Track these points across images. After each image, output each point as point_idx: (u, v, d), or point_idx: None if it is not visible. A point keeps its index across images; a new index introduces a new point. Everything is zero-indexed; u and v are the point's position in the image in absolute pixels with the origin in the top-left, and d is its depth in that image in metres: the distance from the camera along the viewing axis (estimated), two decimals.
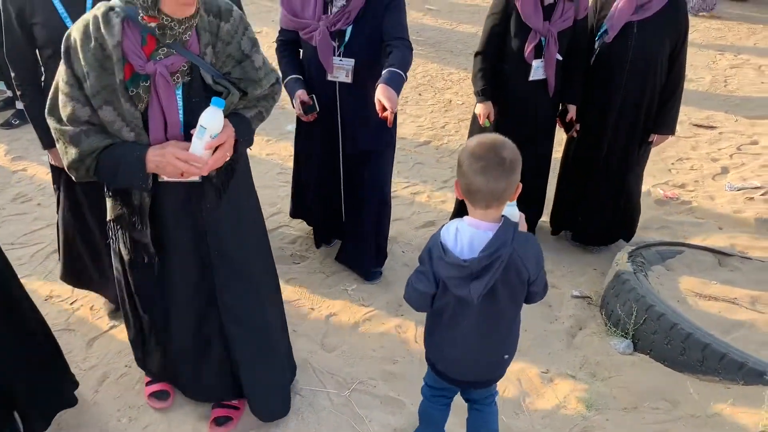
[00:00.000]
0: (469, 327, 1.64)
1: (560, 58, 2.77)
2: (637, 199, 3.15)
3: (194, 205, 1.74)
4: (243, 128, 1.73)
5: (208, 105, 1.58)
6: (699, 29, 7.01)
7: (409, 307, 1.73)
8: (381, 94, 2.16)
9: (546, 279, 1.65)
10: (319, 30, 2.40)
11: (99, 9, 1.55)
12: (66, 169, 1.64)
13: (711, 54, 6.32)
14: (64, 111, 1.56)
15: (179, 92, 1.62)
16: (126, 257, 1.83)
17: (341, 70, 2.46)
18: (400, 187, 3.80)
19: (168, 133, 1.62)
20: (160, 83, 1.57)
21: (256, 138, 1.94)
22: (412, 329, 2.60)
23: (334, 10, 2.40)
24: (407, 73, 2.32)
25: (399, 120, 4.78)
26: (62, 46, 1.56)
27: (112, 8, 1.54)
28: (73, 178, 1.65)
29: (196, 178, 1.68)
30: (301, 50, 2.60)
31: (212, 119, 1.57)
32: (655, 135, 2.91)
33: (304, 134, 2.75)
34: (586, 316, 2.78)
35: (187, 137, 1.62)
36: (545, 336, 2.63)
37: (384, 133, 2.59)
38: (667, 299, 2.64)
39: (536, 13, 2.67)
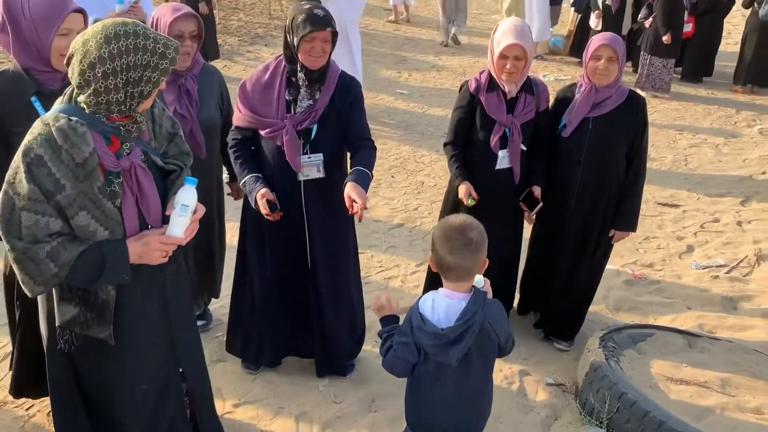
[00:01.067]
0: (447, 389, 1.83)
1: (524, 148, 2.89)
2: (587, 297, 3.16)
3: (158, 278, 1.82)
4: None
5: (166, 182, 1.78)
6: (659, 110, 7.39)
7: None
8: (351, 190, 2.27)
9: (512, 335, 1.88)
10: (286, 129, 2.42)
11: (57, 121, 1.58)
12: (32, 289, 1.64)
13: (671, 133, 6.64)
14: (33, 229, 1.57)
15: None
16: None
17: (311, 167, 2.49)
18: (373, 272, 3.84)
19: (150, 218, 1.72)
20: (140, 173, 1.68)
21: None
22: (385, 426, 2.57)
23: (299, 109, 2.45)
24: (372, 171, 2.45)
25: (372, 203, 4.89)
26: (22, 164, 1.56)
27: (70, 119, 1.59)
28: (37, 293, 1.66)
29: None
30: (263, 148, 2.55)
31: (191, 196, 1.71)
32: (615, 231, 2.98)
33: (254, 245, 2.65)
34: (562, 404, 2.78)
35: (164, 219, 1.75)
36: (521, 428, 2.62)
37: (349, 230, 2.67)
38: (640, 385, 2.67)
39: (500, 107, 2.81)
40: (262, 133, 2.49)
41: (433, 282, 2.85)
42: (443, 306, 1.78)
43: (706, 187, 5.41)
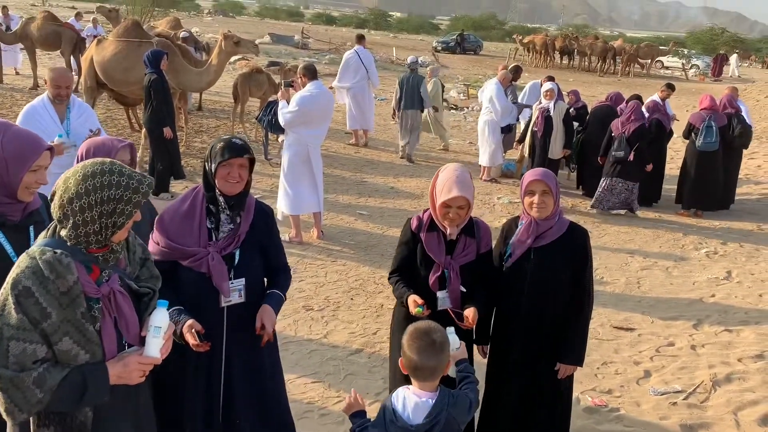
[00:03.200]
0: None
1: (464, 290, 2.87)
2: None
3: (133, 396, 1.95)
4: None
5: (140, 304, 1.95)
6: (609, 233, 7.76)
7: None
8: (262, 313, 2.56)
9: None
10: (211, 255, 2.49)
11: (43, 254, 1.74)
12: (16, 417, 1.71)
13: (623, 256, 6.94)
14: (21, 357, 1.69)
15: None
16: None
17: (234, 292, 2.56)
18: (330, 403, 3.77)
19: (129, 338, 1.88)
20: (120, 298, 1.85)
21: None
22: None
23: (221, 235, 2.54)
24: (287, 294, 2.74)
25: (330, 327, 4.88)
26: (10, 296, 1.70)
27: (55, 251, 1.75)
28: (20, 420, 1.74)
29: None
30: (181, 280, 2.54)
31: (163, 318, 1.88)
32: (560, 364, 2.96)
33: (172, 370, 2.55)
34: None
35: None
36: None
37: (272, 350, 2.73)
38: None
39: (439, 247, 2.85)
40: (183, 263, 2.51)
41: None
42: (412, 403, 2.12)
43: (659, 310, 5.60)
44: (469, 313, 2.78)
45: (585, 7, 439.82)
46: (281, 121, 6.31)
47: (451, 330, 2.29)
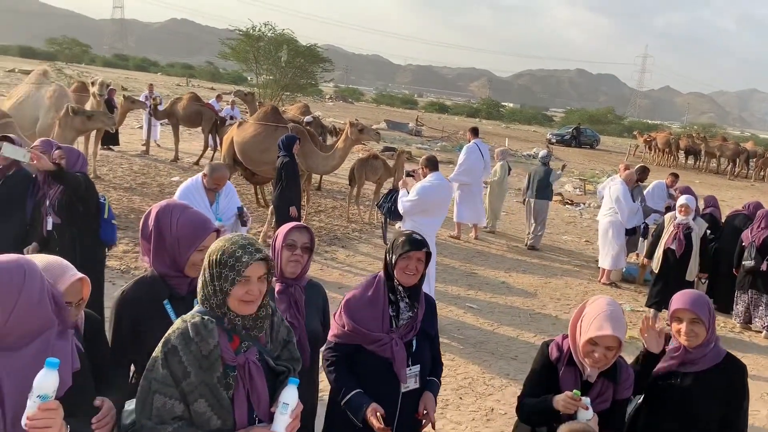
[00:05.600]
0: None
1: None
2: None
3: None
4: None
5: (275, 382, 2.01)
6: (748, 356, 7.17)
7: None
8: (427, 400, 2.76)
9: None
10: (395, 341, 2.67)
11: (193, 318, 1.92)
12: None
13: (762, 385, 6.36)
14: (161, 410, 1.85)
15: None
16: None
17: (411, 378, 2.73)
18: None
19: (259, 411, 1.96)
20: (253, 369, 1.95)
21: None
22: None
23: (401, 322, 2.72)
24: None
25: (438, 425, 4.79)
26: (160, 352, 1.88)
27: (203, 317, 1.92)
28: None
29: None
30: (363, 363, 2.74)
31: (293, 396, 1.95)
32: None
33: None
34: None
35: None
36: None
37: None
38: None
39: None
40: (367, 347, 2.70)
41: None
42: None
43: None
44: None
45: (712, 105, 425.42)
46: (400, 208, 6.54)
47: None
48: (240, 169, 9.82)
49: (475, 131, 11.70)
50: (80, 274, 2.01)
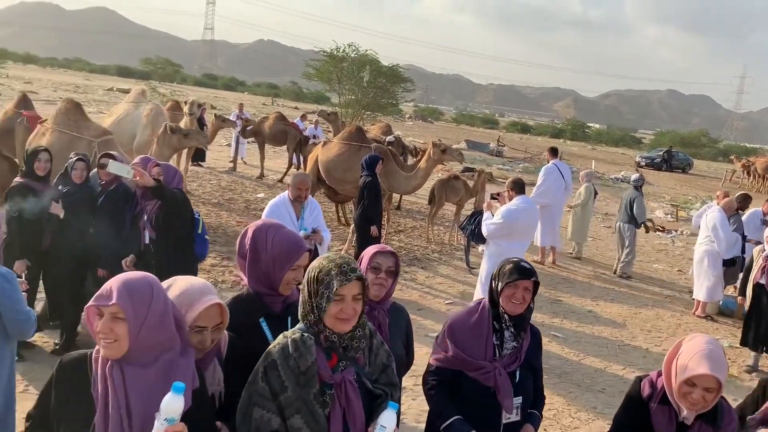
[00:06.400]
0: None
1: None
2: None
3: None
4: None
5: (372, 404, 2.03)
6: None
7: None
8: (526, 430, 2.72)
9: None
10: (498, 370, 2.64)
11: (293, 334, 1.99)
12: None
13: None
14: (260, 423, 1.92)
15: None
16: None
17: (514, 409, 2.69)
18: None
19: (355, 431, 1.98)
20: (349, 389, 1.98)
21: None
22: None
23: (505, 352, 2.68)
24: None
25: None
26: (261, 366, 1.95)
27: (303, 334, 1.99)
28: None
29: None
30: (464, 390, 2.73)
31: (391, 420, 1.95)
32: None
33: None
34: None
35: None
36: None
37: None
38: None
39: (669, 426, 2.47)
40: (469, 374, 2.68)
41: None
42: None
43: None
44: None
45: None
46: (484, 231, 6.47)
47: None
48: (323, 188, 10.02)
49: (554, 151, 11.45)
50: (218, 299, 2.05)
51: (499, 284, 2.67)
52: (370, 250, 2.90)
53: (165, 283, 2.00)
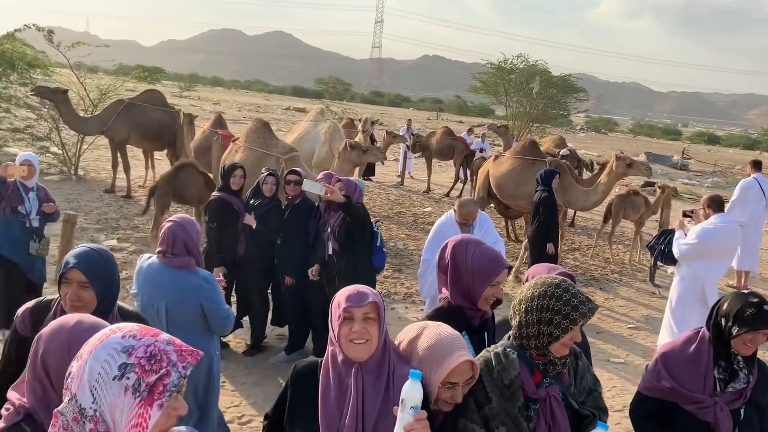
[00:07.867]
0: None
1: None
2: None
3: None
4: None
5: (579, 425, 2.00)
6: None
7: None
8: None
9: None
10: (720, 405, 2.47)
11: (496, 348, 2.06)
12: None
13: None
14: None
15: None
16: None
17: None
18: None
19: None
20: (554, 405, 2.00)
21: None
22: None
23: (729, 389, 2.49)
24: None
25: None
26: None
27: (506, 349, 2.03)
28: None
29: None
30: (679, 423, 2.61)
31: None
32: None
33: None
34: None
35: None
36: None
37: None
38: None
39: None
40: (685, 407, 2.55)
41: None
42: None
43: None
44: None
45: None
46: (675, 251, 6.01)
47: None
48: (493, 202, 9.94)
49: (757, 165, 10.31)
50: (470, 356, 2.00)
51: (735, 328, 2.44)
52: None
53: (414, 327, 2.10)
